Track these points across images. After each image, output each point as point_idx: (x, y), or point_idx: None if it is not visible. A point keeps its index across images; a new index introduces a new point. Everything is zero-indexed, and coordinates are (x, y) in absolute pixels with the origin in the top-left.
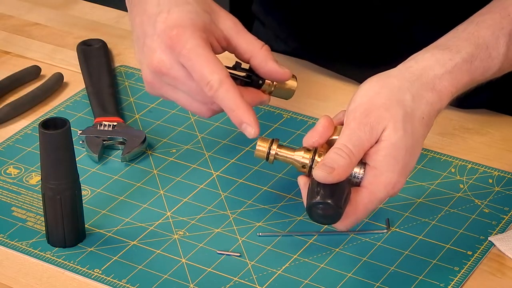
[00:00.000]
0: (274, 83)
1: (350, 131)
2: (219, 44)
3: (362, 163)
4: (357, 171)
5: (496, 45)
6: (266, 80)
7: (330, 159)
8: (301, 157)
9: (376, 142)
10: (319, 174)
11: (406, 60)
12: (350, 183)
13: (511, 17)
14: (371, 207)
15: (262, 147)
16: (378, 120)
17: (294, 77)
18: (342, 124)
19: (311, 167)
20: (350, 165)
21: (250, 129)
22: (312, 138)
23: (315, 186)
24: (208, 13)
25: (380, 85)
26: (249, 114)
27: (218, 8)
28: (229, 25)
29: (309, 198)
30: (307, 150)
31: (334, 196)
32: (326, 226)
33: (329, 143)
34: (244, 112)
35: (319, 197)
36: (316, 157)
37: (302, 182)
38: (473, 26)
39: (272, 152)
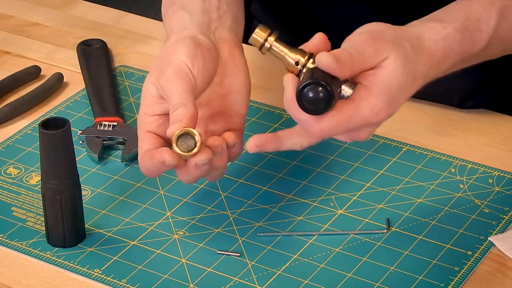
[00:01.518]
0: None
1: (355, 43)
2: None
3: (354, 83)
4: (347, 88)
5: (487, 19)
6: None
7: (334, 52)
8: (296, 54)
9: (375, 67)
10: (324, 58)
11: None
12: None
13: None
14: (351, 124)
15: (259, 36)
16: (384, 47)
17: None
18: None
19: (304, 66)
20: (350, 67)
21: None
22: (310, 44)
23: (310, 73)
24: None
25: (383, 26)
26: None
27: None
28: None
29: (302, 82)
30: (303, 52)
31: (328, 81)
32: (305, 149)
33: None
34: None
35: (313, 80)
36: (310, 63)
37: (290, 77)
38: (465, 1)
39: (267, 45)
